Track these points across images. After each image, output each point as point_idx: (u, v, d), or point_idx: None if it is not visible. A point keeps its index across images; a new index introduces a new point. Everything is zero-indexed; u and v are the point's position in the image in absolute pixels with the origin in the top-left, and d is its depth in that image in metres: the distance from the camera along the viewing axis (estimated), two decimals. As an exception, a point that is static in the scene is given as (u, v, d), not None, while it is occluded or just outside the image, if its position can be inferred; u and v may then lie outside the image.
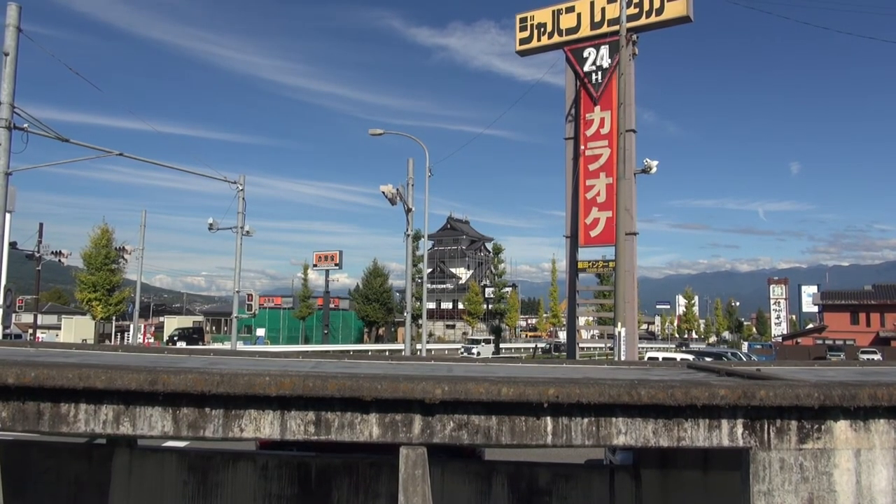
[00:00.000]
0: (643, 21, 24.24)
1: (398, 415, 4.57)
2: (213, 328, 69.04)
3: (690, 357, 24.81)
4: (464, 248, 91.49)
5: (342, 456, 7.34)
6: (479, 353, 48.24)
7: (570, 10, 26.17)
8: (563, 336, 66.19)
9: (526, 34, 27.11)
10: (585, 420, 4.57)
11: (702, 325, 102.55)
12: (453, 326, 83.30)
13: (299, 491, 7.21)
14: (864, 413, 4.58)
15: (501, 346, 58.39)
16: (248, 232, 26.21)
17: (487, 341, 55.15)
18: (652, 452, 6.90)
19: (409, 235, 25.52)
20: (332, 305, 65.77)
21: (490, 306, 69.14)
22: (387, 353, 38.41)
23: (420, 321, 34.17)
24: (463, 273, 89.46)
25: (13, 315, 42.76)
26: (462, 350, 50.80)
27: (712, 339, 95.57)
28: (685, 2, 23.61)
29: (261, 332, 59.91)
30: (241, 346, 37.72)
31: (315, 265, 63.97)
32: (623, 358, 19.11)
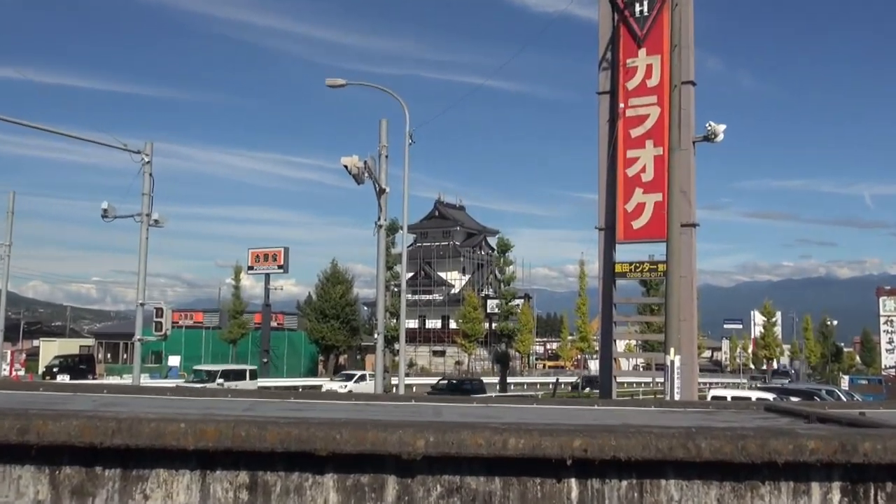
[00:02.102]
0: (706, -69, 24.41)
1: (364, 476, 4.57)
2: (109, 356, 68.93)
3: (769, 396, 25.03)
4: (457, 243, 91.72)
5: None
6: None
7: (606, -85, 26.34)
8: (594, 367, 66.53)
9: (544, -52, 27.22)
10: (624, 483, 4.59)
11: (786, 352, 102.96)
12: (443, 353, 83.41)
13: (227, 582, 7.20)
14: None
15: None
16: (156, 221, 26.16)
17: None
18: (716, 527, 6.94)
19: (381, 226, 25.51)
20: (274, 323, 65.72)
21: (494, 325, 69.27)
22: (349, 390, 38.36)
23: (397, 346, 34.15)
24: (456, 279, 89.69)
25: None
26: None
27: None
28: None
29: (174, 360, 59.71)
30: (146, 381, 37.53)
31: (251, 268, 63.92)
32: (677, 397, 19.22)
